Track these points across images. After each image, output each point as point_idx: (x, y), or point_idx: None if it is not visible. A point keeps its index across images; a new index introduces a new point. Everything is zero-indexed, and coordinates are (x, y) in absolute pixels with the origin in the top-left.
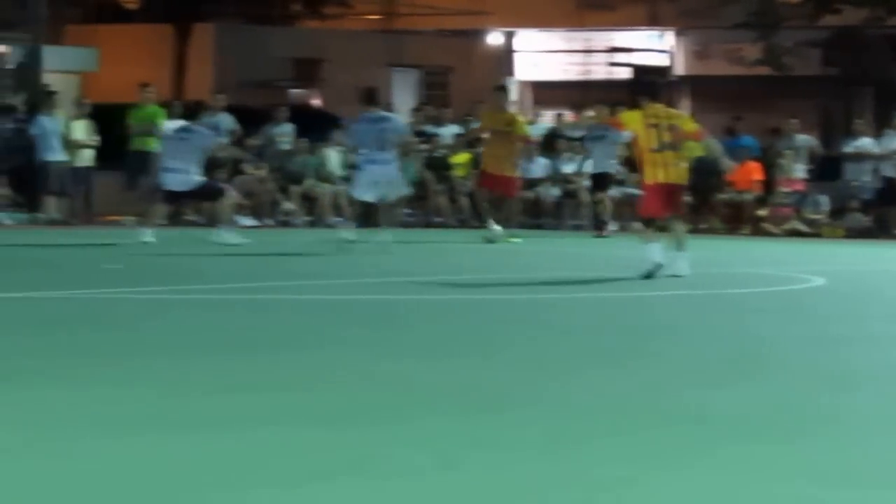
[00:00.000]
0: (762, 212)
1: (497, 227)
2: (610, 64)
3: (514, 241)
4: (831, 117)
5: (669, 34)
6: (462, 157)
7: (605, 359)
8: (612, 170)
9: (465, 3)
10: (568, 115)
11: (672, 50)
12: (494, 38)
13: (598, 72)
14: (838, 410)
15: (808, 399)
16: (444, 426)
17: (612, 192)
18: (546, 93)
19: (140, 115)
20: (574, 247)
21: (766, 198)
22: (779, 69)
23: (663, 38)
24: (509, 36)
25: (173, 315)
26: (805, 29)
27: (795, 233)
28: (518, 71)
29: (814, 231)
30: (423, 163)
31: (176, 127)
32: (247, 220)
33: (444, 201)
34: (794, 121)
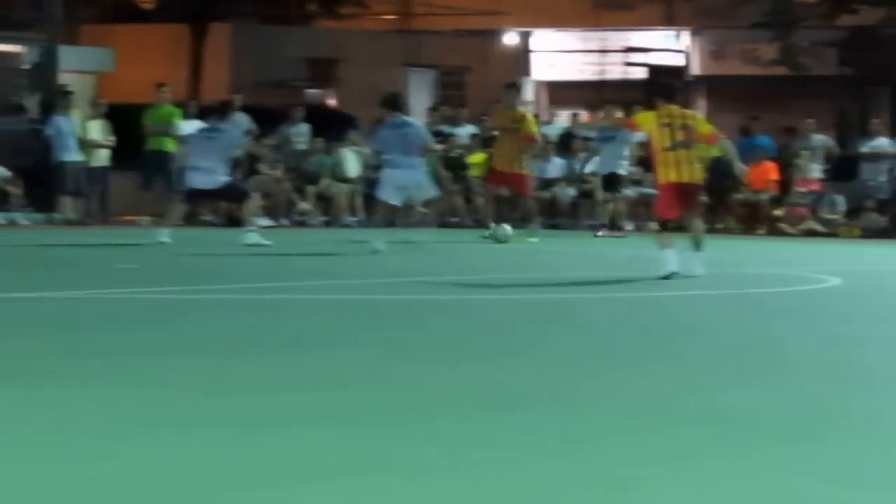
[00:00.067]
0: (778, 212)
1: (506, 227)
2: (626, 64)
3: (530, 240)
4: (847, 117)
5: (685, 34)
6: (478, 157)
7: (620, 358)
8: (622, 171)
9: (482, 3)
10: (583, 115)
11: (688, 50)
12: (511, 38)
13: (614, 72)
14: (854, 410)
15: (823, 399)
16: (458, 426)
17: (629, 192)
18: (562, 93)
19: (156, 115)
20: (590, 247)
21: (782, 198)
22: (795, 69)
23: (679, 38)
24: (525, 36)
25: (187, 315)
26: (821, 29)
27: (811, 233)
28: (534, 71)
29: (830, 231)
30: (439, 163)
31: (203, 126)
32: (263, 221)
33: (459, 201)
34: (811, 121)
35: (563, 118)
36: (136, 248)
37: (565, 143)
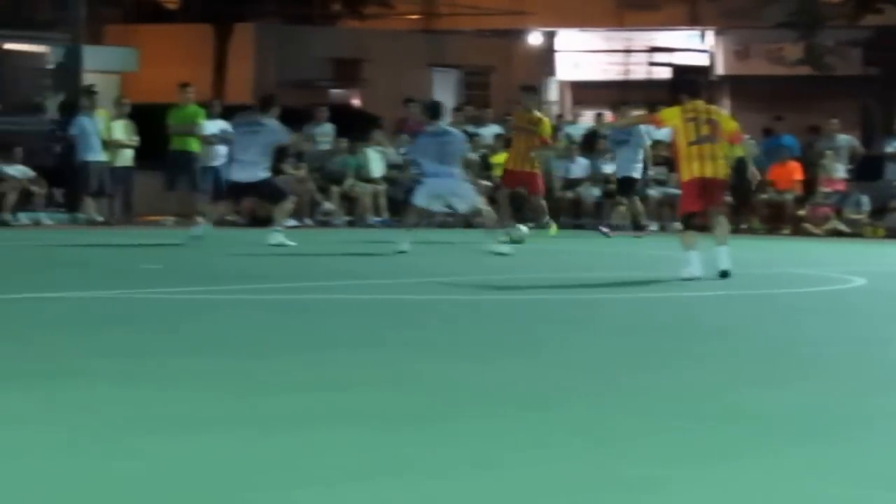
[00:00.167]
0: (803, 212)
1: (522, 227)
2: (650, 64)
3: (550, 234)
4: (872, 117)
5: (710, 34)
6: (502, 157)
7: (645, 359)
8: (636, 174)
9: (506, 3)
10: (607, 116)
11: (712, 50)
12: (535, 38)
13: (639, 72)
14: (880, 411)
15: (849, 399)
16: (483, 426)
17: (653, 193)
18: (586, 93)
19: (180, 115)
20: (615, 247)
21: (806, 198)
22: (820, 69)
23: (704, 38)
24: (550, 36)
25: (211, 315)
26: (846, 28)
27: (836, 233)
28: (558, 71)
29: (854, 231)
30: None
31: (247, 120)
32: (287, 221)
33: (484, 202)
34: (835, 121)
35: (587, 118)
36: (160, 248)
37: (590, 144)
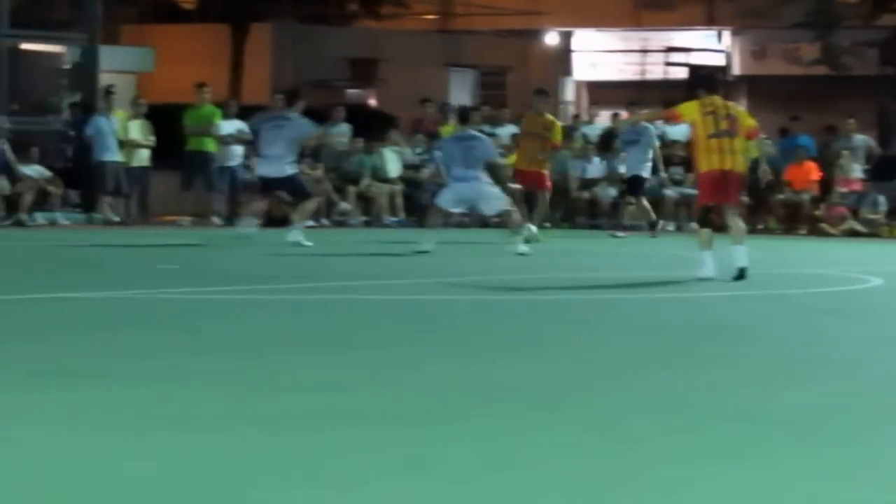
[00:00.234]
0: (820, 212)
1: (532, 227)
2: (667, 64)
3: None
4: (889, 117)
5: (727, 34)
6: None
7: (661, 359)
8: (646, 173)
9: (523, 3)
10: (624, 115)
11: (729, 50)
12: (551, 38)
13: (655, 72)
14: None
15: (867, 400)
16: (499, 427)
17: (669, 193)
18: (603, 93)
19: (196, 115)
20: (630, 247)
21: (823, 198)
22: (836, 69)
23: (720, 38)
24: (566, 36)
25: (227, 315)
26: (863, 28)
27: (853, 233)
28: (575, 71)
29: (871, 231)
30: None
31: (272, 115)
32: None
33: None
34: (852, 121)
35: (603, 118)
36: (176, 249)
37: (605, 144)
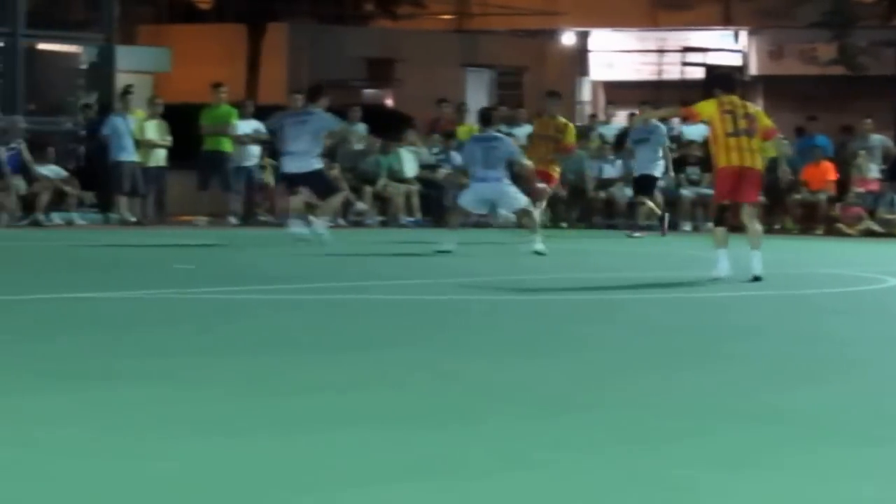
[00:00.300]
0: (836, 212)
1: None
2: (683, 64)
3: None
4: None
5: (743, 34)
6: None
7: (677, 359)
8: (657, 172)
9: (539, 3)
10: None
11: (746, 50)
12: (568, 38)
13: (672, 72)
14: None
15: (884, 399)
16: (516, 427)
17: (686, 193)
18: (619, 92)
19: (213, 115)
20: (646, 247)
21: (840, 198)
22: (853, 69)
23: (737, 38)
24: (583, 36)
25: (244, 315)
26: (880, 28)
27: (869, 233)
28: (591, 71)
29: (888, 231)
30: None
31: (295, 111)
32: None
33: None
34: (868, 121)
35: (620, 118)
36: (193, 249)
37: (622, 144)
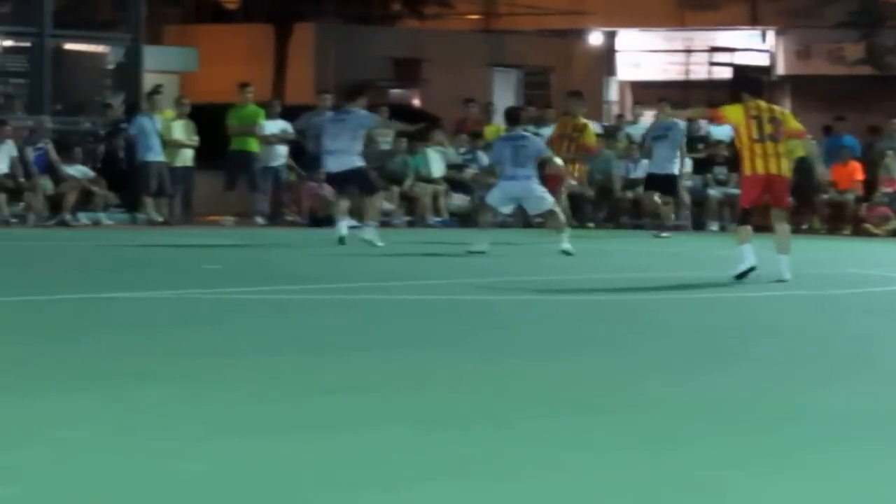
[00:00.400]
0: (863, 212)
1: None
2: (711, 64)
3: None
4: None
5: (770, 33)
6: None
7: (704, 360)
8: (675, 170)
9: (566, 3)
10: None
11: (773, 49)
12: (595, 38)
13: (699, 72)
14: None
15: None
16: (545, 427)
17: (713, 193)
18: (646, 92)
19: (239, 115)
20: (675, 247)
21: (867, 198)
22: (880, 69)
23: (764, 38)
24: (610, 36)
25: (271, 315)
26: None
27: None
28: (619, 71)
29: None
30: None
31: (335, 111)
32: (347, 221)
33: None
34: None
35: (647, 118)
36: (220, 249)
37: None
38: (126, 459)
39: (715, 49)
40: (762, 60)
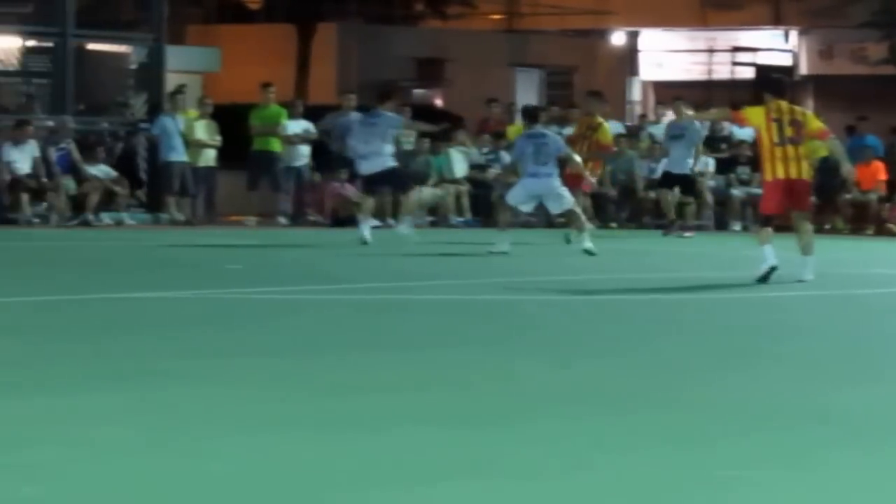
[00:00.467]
0: (886, 212)
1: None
2: (733, 64)
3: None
4: None
5: (794, 33)
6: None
7: (728, 359)
8: (688, 170)
9: (589, 3)
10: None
11: (796, 49)
12: (618, 38)
13: (722, 71)
14: None
15: None
16: (570, 427)
17: (736, 193)
18: (669, 92)
19: (262, 115)
20: (698, 246)
21: (891, 198)
22: None
23: (787, 38)
24: (633, 36)
25: (295, 315)
26: None
27: None
28: (641, 71)
29: None
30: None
31: (365, 113)
32: (370, 221)
33: None
34: None
35: (669, 118)
36: (242, 249)
37: None
38: (154, 458)
39: (737, 49)
40: (785, 60)
